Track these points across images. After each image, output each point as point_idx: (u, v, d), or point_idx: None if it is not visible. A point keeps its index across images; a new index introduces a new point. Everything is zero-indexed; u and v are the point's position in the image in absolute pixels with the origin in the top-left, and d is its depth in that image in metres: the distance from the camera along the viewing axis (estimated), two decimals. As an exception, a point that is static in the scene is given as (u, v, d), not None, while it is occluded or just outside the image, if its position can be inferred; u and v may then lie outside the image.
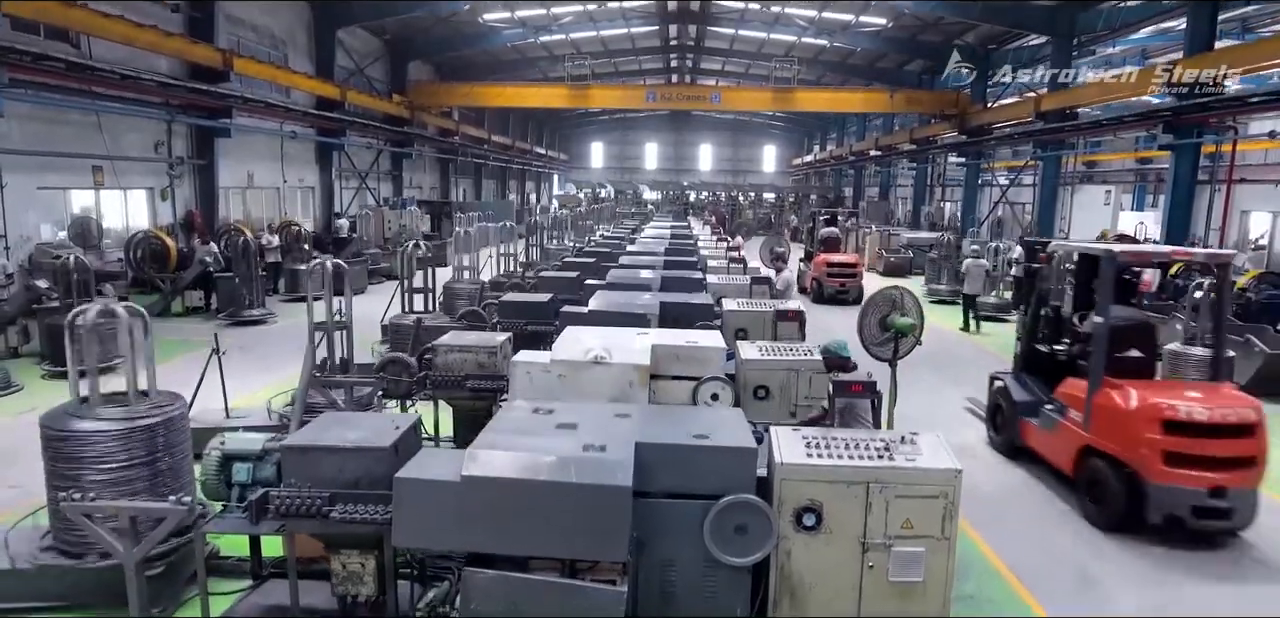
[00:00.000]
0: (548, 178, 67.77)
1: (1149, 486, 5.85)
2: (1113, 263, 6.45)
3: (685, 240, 17.44)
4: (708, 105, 30.94)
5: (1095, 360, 6.40)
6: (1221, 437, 5.81)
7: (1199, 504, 5.74)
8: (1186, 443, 5.78)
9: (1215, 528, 5.87)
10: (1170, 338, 10.58)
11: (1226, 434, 5.82)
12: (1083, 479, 6.43)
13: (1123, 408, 6.11)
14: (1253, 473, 5.87)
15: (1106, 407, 6.23)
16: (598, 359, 5.82)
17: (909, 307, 6.35)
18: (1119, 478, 6.05)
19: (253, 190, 22.00)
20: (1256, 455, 5.86)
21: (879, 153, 39.06)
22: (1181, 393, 6.20)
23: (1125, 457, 6.03)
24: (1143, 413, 5.93)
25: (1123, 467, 6.05)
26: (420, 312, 9.22)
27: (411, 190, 34.31)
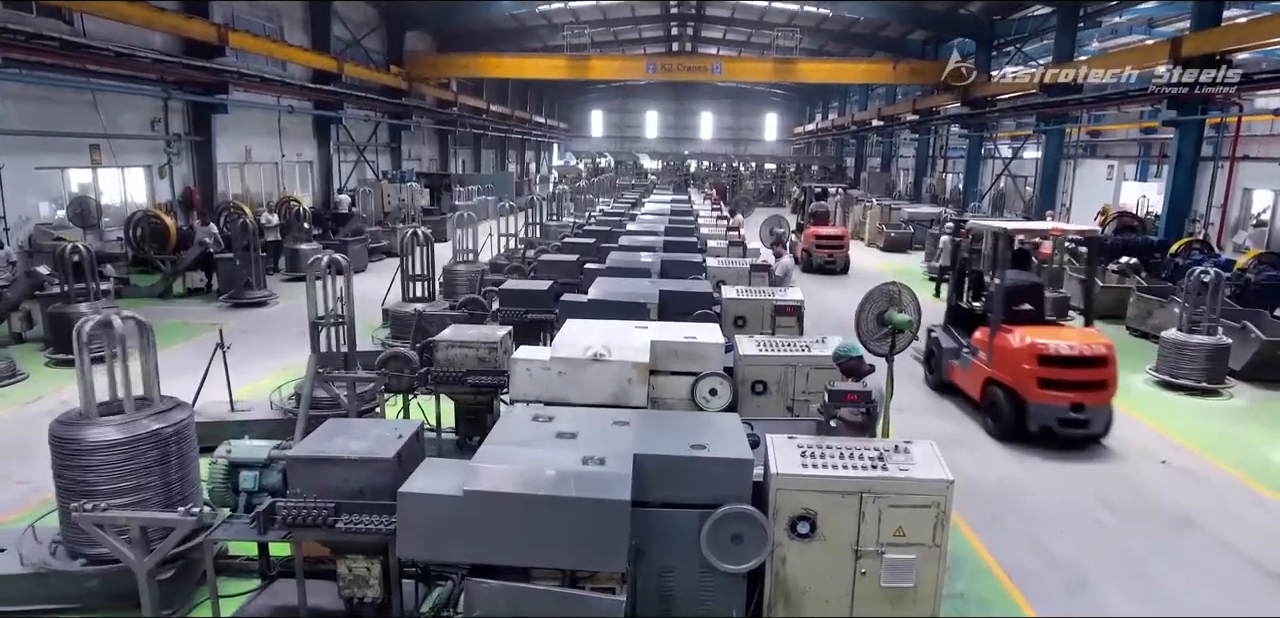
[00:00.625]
0: (547, 147, 67.33)
1: (1029, 404, 7.57)
2: (1007, 238, 8.51)
3: (685, 218, 17.42)
4: (709, 76, 30.60)
5: (995, 312, 8.13)
6: (1080, 367, 7.51)
7: (1064, 417, 7.46)
8: (1054, 372, 7.47)
9: (1077, 435, 7.53)
10: (1168, 323, 10.65)
11: (1084, 365, 7.52)
12: (986, 403, 8.11)
13: (1011, 347, 7.79)
14: (1104, 393, 7.57)
15: (1001, 347, 7.93)
16: (597, 357, 5.88)
17: (906, 303, 6.38)
18: (1008, 400, 7.73)
19: (251, 166, 21.92)
20: (1108, 380, 7.56)
21: (881, 123, 38.74)
22: (1054, 334, 7.88)
23: (1012, 383, 7.72)
24: (1024, 350, 7.63)
25: (1011, 391, 7.72)
26: (421, 300, 9.25)
27: (410, 162, 34.12)
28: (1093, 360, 7.51)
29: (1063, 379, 7.45)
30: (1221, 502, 6.40)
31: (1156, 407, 8.77)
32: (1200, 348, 9.02)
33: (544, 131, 59.82)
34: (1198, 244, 15.33)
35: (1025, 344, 7.63)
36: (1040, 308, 8.36)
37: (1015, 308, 8.12)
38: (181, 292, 13.57)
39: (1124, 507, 6.29)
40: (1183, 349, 9.15)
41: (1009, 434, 7.70)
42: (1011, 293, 8.15)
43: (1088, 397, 7.44)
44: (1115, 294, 13.00)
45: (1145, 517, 6.13)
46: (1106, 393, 7.55)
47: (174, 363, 9.47)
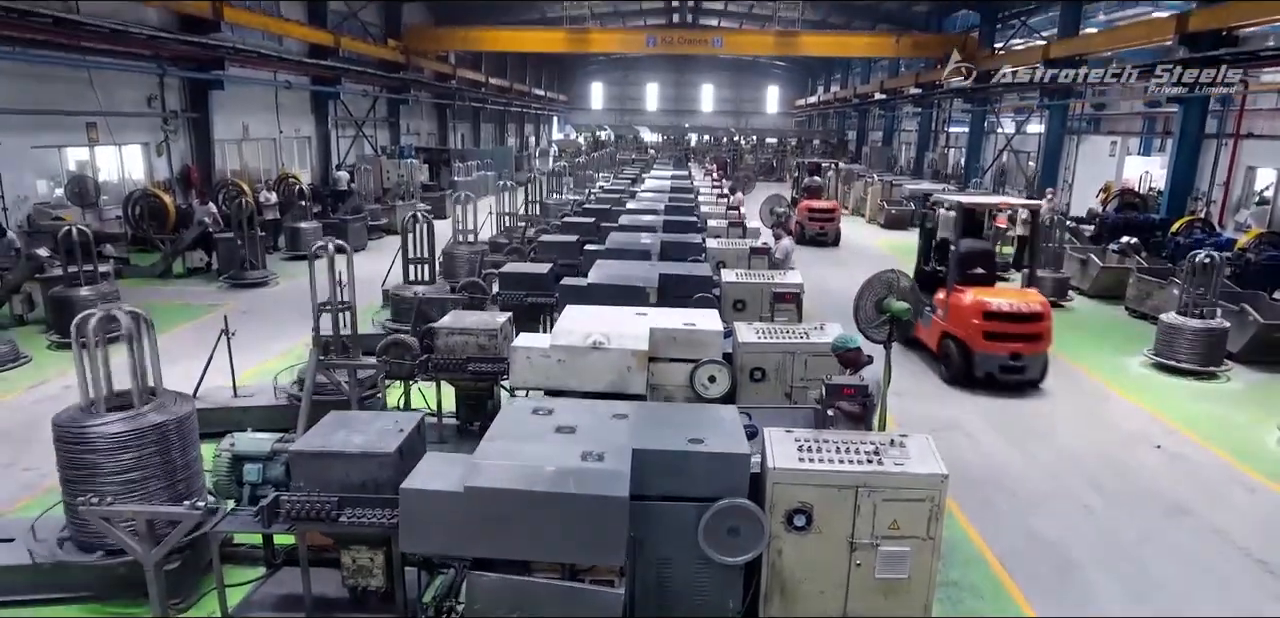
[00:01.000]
0: (547, 120, 66.82)
1: (975, 353, 8.76)
2: (962, 210, 9.66)
3: (685, 195, 17.38)
4: (709, 49, 30.28)
5: (950, 274, 9.25)
6: (1019, 321, 8.65)
7: (1004, 365, 8.66)
8: (997, 325, 8.62)
9: (1016, 380, 8.73)
10: (1167, 305, 10.67)
11: (1022, 320, 8.65)
12: (941, 354, 9.25)
13: (962, 304, 8.91)
14: (1040, 345, 8.75)
15: (954, 304, 9.05)
16: (597, 345, 5.92)
17: (905, 291, 6.40)
18: (958, 350, 8.91)
19: (248, 143, 21.79)
20: (1042, 333, 8.72)
21: (884, 96, 38.38)
22: (997, 293, 9.02)
23: (962, 336, 8.89)
24: (972, 307, 8.78)
25: (961, 343, 8.89)
26: (421, 284, 9.25)
27: (409, 137, 33.91)
28: (1030, 316, 8.68)
29: (1004, 332, 8.67)
30: (1213, 488, 6.46)
31: (1152, 390, 8.83)
32: (1197, 331, 9.05)
33: (543, 104, 59.32)
34: (1199, 223, 15.28)
35: (973, 302, 8.79)
36: (990, 271, 9.47)
37: (968, 271, 9.20)
38: (181, 271, 13.58)
39: (1115, 492, 6.36)
40: (1180, 332, 9.18)
41: (958, 380, 8.92)
42: (965, 258, 9.28)
43: (1025, 347, 8.70)
44: (1115, 274, 13.00)
45: (1136, 503, 6.20)
46: (1041, 344, 8.76)
47: (175, 346, 9.53)
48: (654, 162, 34.07)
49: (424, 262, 9.25)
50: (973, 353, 8.73)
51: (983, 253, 9.57)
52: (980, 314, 8.66)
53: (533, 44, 30.96)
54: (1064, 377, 9.20)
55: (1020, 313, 8.65)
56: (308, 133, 25.09)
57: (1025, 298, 8.92)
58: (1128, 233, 16.36)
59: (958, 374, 8.88)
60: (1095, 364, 9.67)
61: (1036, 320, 8.65)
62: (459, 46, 31.18)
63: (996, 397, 8.44)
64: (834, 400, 4.49)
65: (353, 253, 8.97)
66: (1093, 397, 8.61)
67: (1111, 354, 10.13)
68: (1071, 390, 8.78)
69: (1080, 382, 9.08)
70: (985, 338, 8.62)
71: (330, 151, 25.90)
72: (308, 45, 23.50)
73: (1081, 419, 7.90)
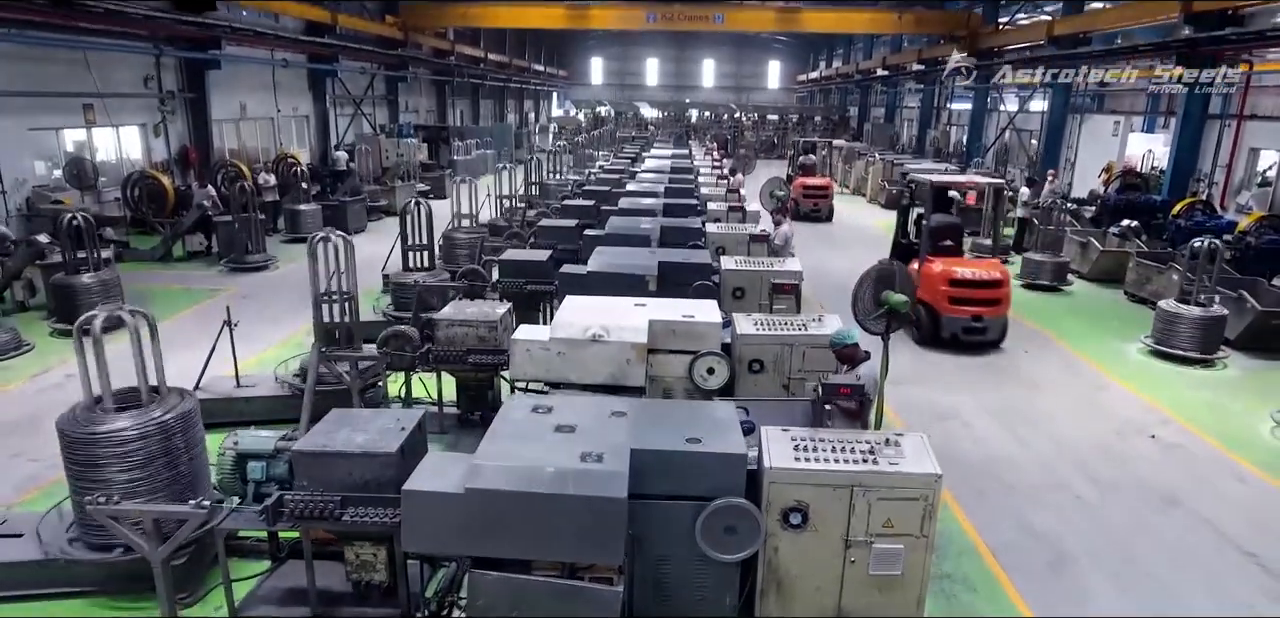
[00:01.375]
0: (547, 96, 66.35)
1: (942, 317, 9.76)
2: (931, 188, 10.49)
3: (685, 175, 17.33)
4: (710, 25, 29.93)
5: (922, 245, 10.28)
6: (981, 288, 9.68)
7: (967, 327, 9.67)
8: (960, 291, 9.64)
9: (978, 341, 9.76)
10: (1166, 290, 10.70)
11: (984, 286, 9.69)
12: (913, 317, 9.20)
13: (932, 272, 9.87)
14: (999, 309, 9.77)
15: (925, 273, 9.90)
16: (596, 337, 5.96)
17: (903, 283, 6.42)
18: (928, 314, 9.85)
19: (246, 122, 21.68)
20: (1001, 299, 9.76)
21: (886, 72, 38.09)
22: (962, 263, 10.11)
23: (931, 301, 9.82)
24: (940, 275, 9.79)
25: (930, 307, 9.83)
26: (420, 271, 9.27)
27: (407, 115, 33.70)
28: (990, 283, 9.74)
29: (967, 297, 9.69)
30: (1206, 478, 6.53)
31: (1149, 378, 8.88)
32: (1195, 319, 9.08)
33: (543, 80, 58.88)
34: (1200, 205, 15.25)
35: (942, 271, 9.82)
36: (958, 243, 10.56)
37: (939, 243, 10.21)
38: (182, 255, 13.59)
39: (1110, 482, 6.43)
40: (1178, 320, 9.21)
41: (927, 341, 9.93)
42: (936, 231, 10.27)
43: (986, 310, 9.73)
44: (1115, 257, 13.01)
45: (1130, 494, 6.28)
46: (1001, 308, 9.83)
47: (177, 333, 9.59)
48: (653, 140, 33.88)
49: (423, 248, 9.27)
50: (940, 316, 9.79)
51: (952, 226, 10.61)
52: (947, 282, 9.72)
53: (532, 20, 30.66)
54: (1062, 364, 9.26)
55: (982, 280, 9.77)
56: (306, 111, 24.95)
57: (987, 267, 10.02)
58: (1129, 215, 16.33)
59: (927, 336, 9.95)
60: (1093, 351, 9.72)
61: (996, 287, 9.74)
62: (457, 22, 30.89)
63: (995, 386, 8.54)
64: (831, 398, 4.53)
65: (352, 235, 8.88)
66: (1090, 385, 8.67)
67: (1110, 340, 10.18)
68: (1069, 378, 8.84)
69: (1079, 370, 9.13)
70: (951, 303, 9.71)
71: (329, 130, 25.78)
72: (304, 22, 23.30)
73: (1078, 407, 7.96)
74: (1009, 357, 9.50)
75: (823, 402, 4.55)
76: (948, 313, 9.71)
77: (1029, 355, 9.46)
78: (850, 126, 45.60)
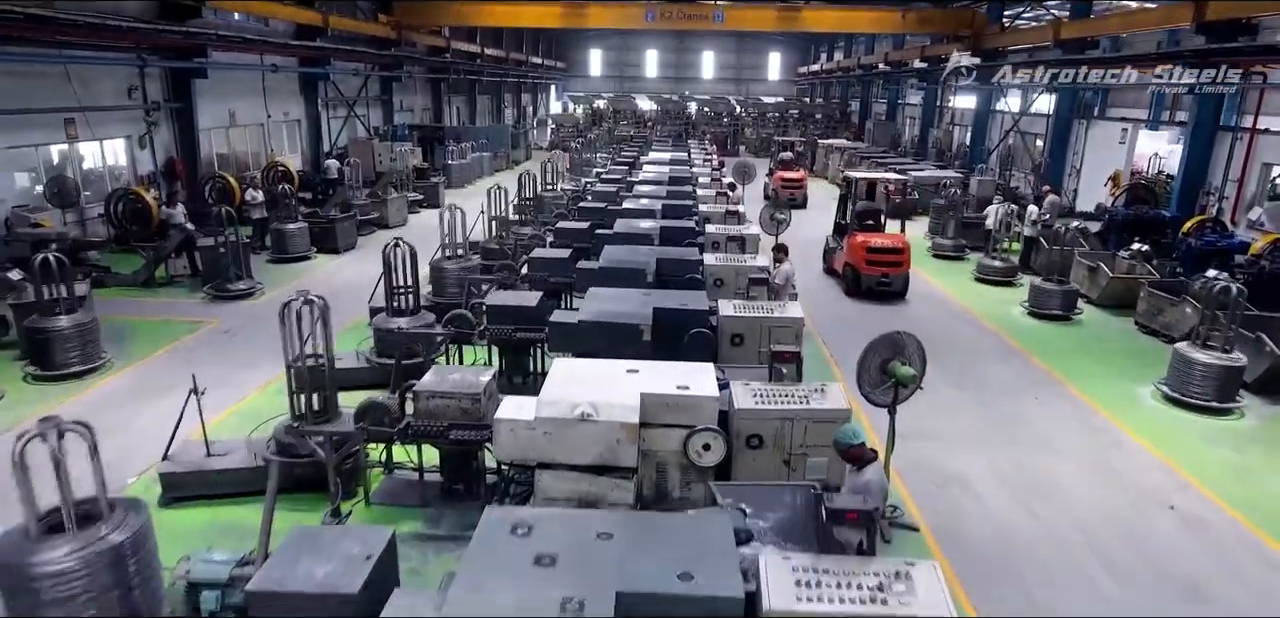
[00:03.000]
0: (545, 89, 65.69)
1: (862, 275, 13.18)
2: (865, 183, 15.11)
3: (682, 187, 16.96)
4: (710, 24, 29.39)
5: (852, 223, 13.94)
6: (888, 253, 13.13)
7: (879, 282, 13.17)
8: (874, 256, 13.07)
9: (887, 291, 13.23)
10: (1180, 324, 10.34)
11: (890, 252, 13.14)
12: (843, 275, 13.77)
13: (856, 243, 13.30)
14: (901, 268, 13.22)
15: (852, 243, 13.40)
16: (584, 416, 5.60)
17: (912, 353, 6.05)
18: (852, 274, 13.35)
19: (236, 129, 21.23)
20: (902, 262, 13.20)
21: (888, 69, 37.55)
22: (877, 237, 13.44)
23: (854, 264, 13.28)
24: (861, 244, 13.21)
25: (854, 268, 13.27)
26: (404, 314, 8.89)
27: (402, 114, 33.21)
28: (895, 249, 13.22)
29: (879, 261, 13.14)
30: (1234, 565, 6.07)
31: (1164, 430, 8.43)
32: (1212, 368, 8.70)
33: (541, 73, 58.25)
34: (1211, 223, 14.85)
35: (862, 241, 13.26)
36: (878, 222, 13.94)
37: (864, 222, 13.77)
38: (164, 278, 13.20)
39: (1127, 567, 6.06)
40: (1193, 366, 8.83)
41: (851, 292, 13.50)
42: (861, 213, 13.93)
43: (891, 270, 13.24)
44: (1125, 284, 12.62)
45: (1150, 581, 5.90)
46: (902, 268, 13.29)
47: (152, 376, 9.26)
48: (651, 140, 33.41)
49: (407, 291, 8.88)
50: (860, 274, 13.24)
51: (873, 210, 14.20)
52: (866, 249, 13.18)
53: (527, 19, 30.12)
54: (1074, 415, 8.85)
55: (889, 248, 13.23)
56: (297, 115, 24.49)
57: (893, 239, 13.42)
58: (1137, 230, 15.94)
59: (851, 289, 13.52)
60: (1106, 396, 9.30)
61: (898, 253, 13.22)
62: (452, 21, 30.34)
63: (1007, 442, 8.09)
64: (836, 521, 4.17)
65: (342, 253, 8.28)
66: (1104, 441, 8.20)
67: (1122, 382, 9.78)
68: (1082, 434, 8.40)
69: (1092, 422, 8.69)
70: (867, 264, 13.16)
71: (321, 134, 25.32)
72: (294, 26, 22.82)
73: (1093, 471, 7.55)
74: (1017, 402, 9.11)
75: (827, 523, 4.19)
76: (866, 272, 13.21)
77: (1039, 403, 9.09)
78: (851, 123, 45.06)
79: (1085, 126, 22.95)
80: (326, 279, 13.83)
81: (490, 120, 46.04)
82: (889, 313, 12.66)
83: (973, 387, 9.38)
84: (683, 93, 62.51)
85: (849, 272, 13.43)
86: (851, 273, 13.34)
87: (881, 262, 13.08)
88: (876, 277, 13.10)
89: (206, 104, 19.33)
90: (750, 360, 8.08)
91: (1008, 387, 9.53)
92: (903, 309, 12.98)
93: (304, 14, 22.84)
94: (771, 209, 13.09)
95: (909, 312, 12.85)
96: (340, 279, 13.62)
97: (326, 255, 15.36)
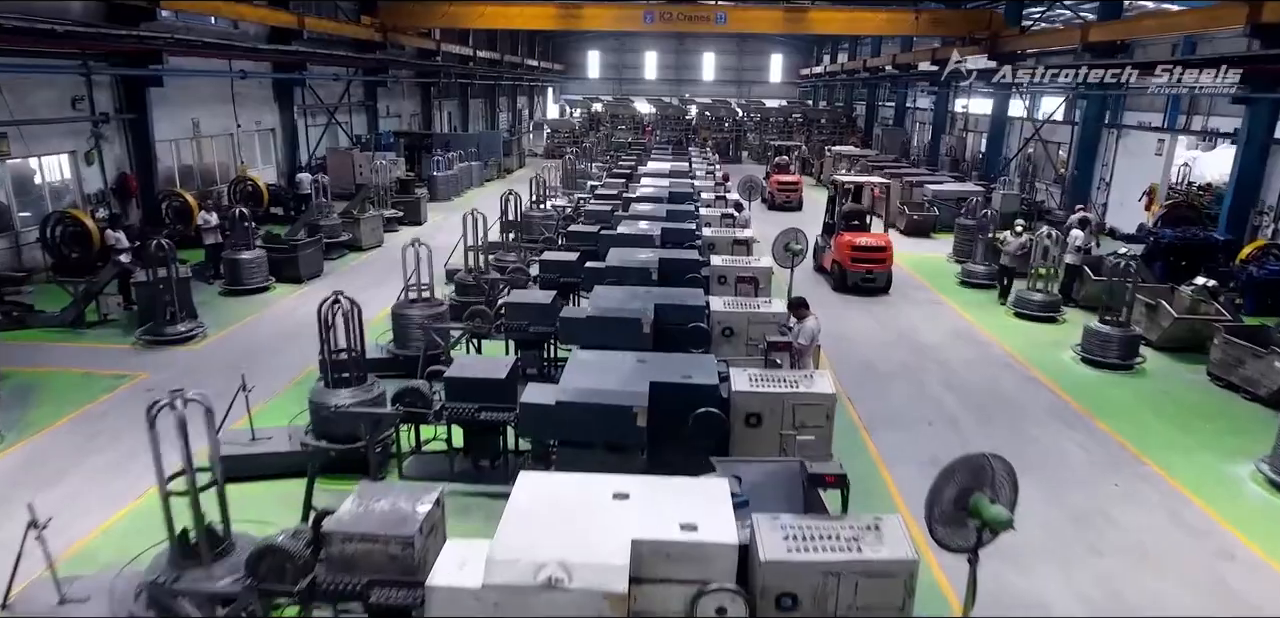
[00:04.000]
0: (542, 90, 64.10)
1: (847, 272, 14.07)
2: (840, 186, 15.56)
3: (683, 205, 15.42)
4: (712, 27, 27.81)
5: (837, 224, 14.74)
6: (872, 251, 14.09)
7: (865, 278, 14.06)
8: (859, 254, 14.00)
9: (872, 287, 14.08)
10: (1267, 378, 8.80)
11: (874, 250, 14.10)
12: (831, 273, 14.59)
13: (842, 242, 14.20)
14: (885, 265, 14.15)
15: (839, 242, 14.30)
16: (552, 582, 4.03)
17: (1001, 483, 4.44)
18: (839, 270, 14.26)
19: (203, 139, 19.63)
20: (886, 258, 14.16)
21: (896, 71, 35.87)
22: (861, 235, 14.35)
23: (841, 261, 14.19)
24: (846, 243, 14.10)
25: (840, 266, 14.20)
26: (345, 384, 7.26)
27: (389, 120, 31.66)
28: (878, 248, 14.10)
29: (863, 258, 13.97)
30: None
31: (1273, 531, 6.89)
32: None
33: (537, 76, 56.66)
34: (1275, 251, 13.29)
35: (848, 240, 14.08)
36: (863, 223, 14.85)
37: (850, 222, 14.64)
38: (95, 317, 11.61)
39: None
40: None
41: (838, 288, 14.29)
42: (848, 214, 14.77)
43: (874, 267, 14.06)
44: (1190, 326, 11.03)
45: None
46: (884, 265, 14.16)
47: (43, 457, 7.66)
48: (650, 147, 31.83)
49: (348, 355, 7.27)
50: (846, 271, 14.07)
51: (859, 212, 15.07)
52: (851, 248, 14.05)
53: (519, 21, 28.57)
54: (1161, 505, 7.18)
55: (872, 246, 14.13)
56: (271, 124, 22.92)
57: (876, 238, 14.33)
58: (1185, 256, 14.39)
59: (838, 285, 14.34)
60: (1195, 479, 7.64)
61: (881, 250, 14.13)
62: (439, 23, 28.78)
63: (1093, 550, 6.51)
64: None
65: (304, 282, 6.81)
66: (1207, 546, 6.49)
67: (1211, 457, 8.14)
68: (1176, 532, 6.69)
69: (1185, 515, 6.99)
70: (852, 262, 14.02)
71: (299, 143, 23.74)
72: (267, 29, 21.26)
73: (1206, 596, 5.91)
74: (1093, 491, 7.46)
75: None
76: (851, 269, 14.08)
77: (1120, 489, 7.49)
78: (857, 127, 43.47)
79: (1116, 136, 21.35)
80: (282, 317, 12.24)
81: (484, 125, 44.46)
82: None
83: (1035, 465, 7.77)
84: (683, 95, 60.96)
85: (836, 269, 14.42)
86: (839, 270, 14.33)
87: (866, 259, 14.10)
88: (861, 273, 14.10)
89: (167, 113, 17.76)
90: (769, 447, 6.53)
91: (1077, 467, 7.92)
92: (936, 350, 11.42)
93: (277, 16, 21.27)
94: (785, 240, 11.45)
95: (944, 355, 11.28)
96: (298, 317, 12.01)
97: (288, 286, 13.75)
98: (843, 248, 14.11)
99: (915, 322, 12.90)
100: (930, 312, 13.58)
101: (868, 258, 13.98)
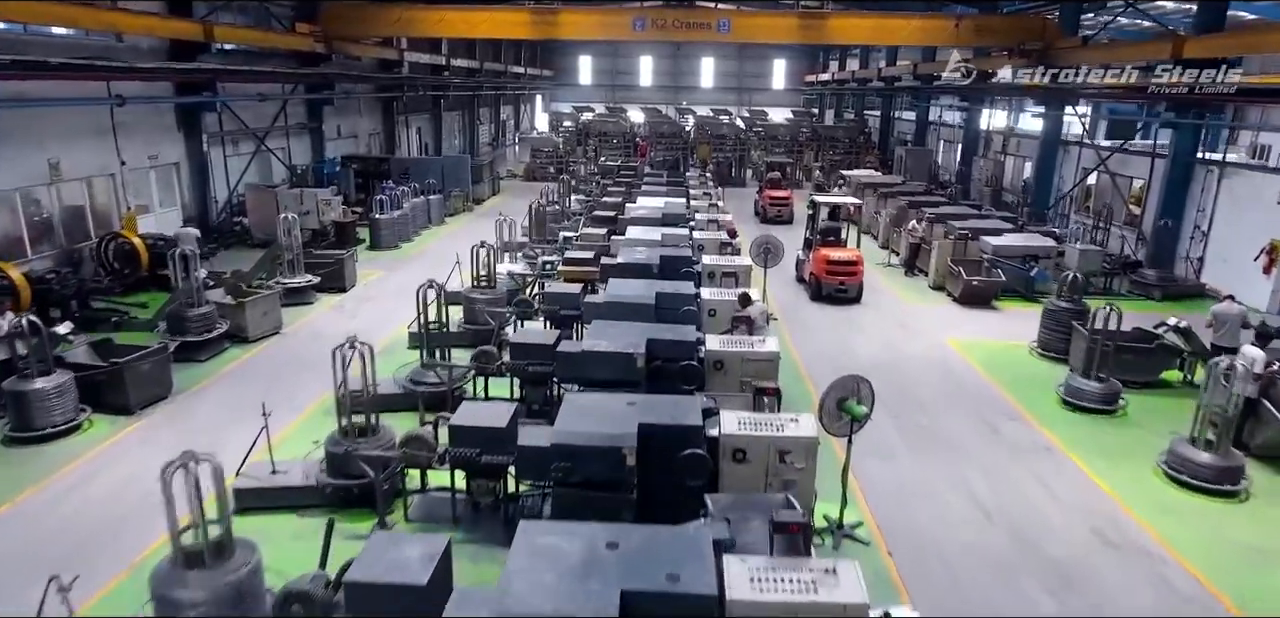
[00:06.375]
0: (530, 100, 59.92)
1: (823, 283, 15.62)
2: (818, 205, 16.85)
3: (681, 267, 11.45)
4: (713, 35, 23.68)
5: (815, 240, 16.30)
6: (844, 265, 15.58)
7: (837, 288, 15.53)
8: (833, 267, 15.54)
9: (844, 297, 15.57)
10: None
11: (845, 263, 15.59)
12: (809, 284, 16.23)
13: (819, 256, 15.74)
14: (856, 278, 15.62)
15: (816, 256, 15.84)
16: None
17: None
18: (815, 282, 15.82)
19: (66, 184, 15.37)
20: (857, 271, 15.62)
21: (918, 83, 31.56)
22: (835, 249, 15.91)
23: (817, 273, 15.72)
24: (822, 258, 15.65)
25: (816, 277, 15.75)
26: None
27: (342, 142, 27.43)
28: (849, 262, 15.56)
29: (837, 271, 15.48)
30: None
31: None
32: None
33: (524, 84, 52.45)
34: None
35: (823, 255, 15.63)
36: (838, 238, 16.42)
37: (826, 238, 16.16)
38: None
39: None
40: None
41: (814, 297, 15.75)
42: (824, 231, 16.34)
43: (846, 279, 15.51)
44: None
45: None
46: (855, 279, 15.54)
47: None
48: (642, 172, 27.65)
49: None
50: (821, 281, 15.50)
51: (835, 229, 16.58)
52: (826, 261, 15.49)
53: (485, 28, 24.32)
54: None
55: (844, 260, 15.52)
56: (174, 158, 18.64)
57: (848, 253, 15.71)
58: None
59: (814, 295, 15.69)
60: None
61: (852, 265, 15.50)
62: (392, 30, 24.56)
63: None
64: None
65: (140, 410, 5.06)
66: None
67: None
68: None
69: None
70: (827, 274, 15.46)
71: (209, 178, 19.49)
72: (166, 42, 17.11)
73: None
74: None
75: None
76: (826, 281, 15.41)
77: None
78: (872, 145, 39.22)
79: (1218, 175, 17.19)
80: (87, 484, 8.05)
81: (460, 141, 40.25)
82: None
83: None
84: (680, 102, 56.80)
85: (813, 280, 15.71)
86: (814, 281, 15.62)
87: (839, 272, 15.33)
88: (835, 285, 15.33)
89: (6, 154, 13.58)
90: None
91: None
92: (1082, 582, 7.13)
93: (175, 24, 17.11)
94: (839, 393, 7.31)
95: (1092, 586, 7.08)
96: (114, 482, 7.83)
97: (112, 418, 9.51)
98: (819, 262, 15.52)
99: (1028, 491, 8.34)
100: (1043, 467, 8.92)
101: (840, 272, 15.38)
